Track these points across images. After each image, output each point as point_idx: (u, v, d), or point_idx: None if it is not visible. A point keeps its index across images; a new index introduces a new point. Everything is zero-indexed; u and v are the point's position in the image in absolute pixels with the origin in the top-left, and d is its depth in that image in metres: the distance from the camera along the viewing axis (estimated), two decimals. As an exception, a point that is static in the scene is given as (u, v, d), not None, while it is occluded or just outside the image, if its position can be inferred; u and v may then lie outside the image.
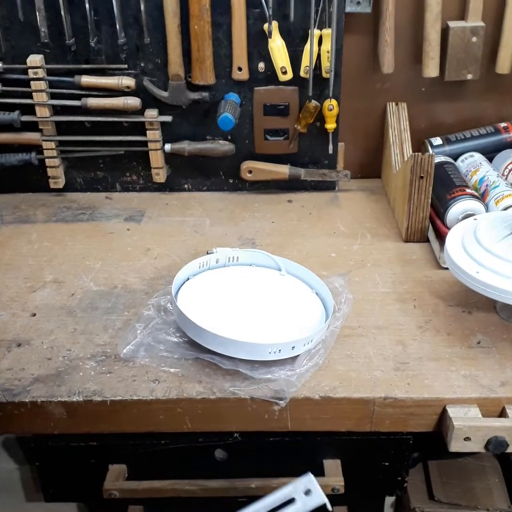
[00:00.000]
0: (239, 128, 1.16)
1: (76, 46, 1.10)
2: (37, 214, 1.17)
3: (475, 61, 1.15)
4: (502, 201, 1.04)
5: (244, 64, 1.11)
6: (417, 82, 1.20)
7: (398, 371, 0.80)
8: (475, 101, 1.22)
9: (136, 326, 0.85)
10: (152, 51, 1.11)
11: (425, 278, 0.98)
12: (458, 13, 1.14)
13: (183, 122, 1.17)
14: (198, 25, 1.07)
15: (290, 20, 1.08)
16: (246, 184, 1.23)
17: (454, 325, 0.88)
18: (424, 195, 1.03)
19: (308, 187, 1.23)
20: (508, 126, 1.19)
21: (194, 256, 0.99)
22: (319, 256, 1.04)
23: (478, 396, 0.77)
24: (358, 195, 1.23)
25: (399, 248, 1.06)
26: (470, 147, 1.19)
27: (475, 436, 0.74)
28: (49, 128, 1.15)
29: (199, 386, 0.78)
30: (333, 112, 1.13)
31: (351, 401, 0.77)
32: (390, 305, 0.92)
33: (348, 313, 0.89)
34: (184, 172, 1.22)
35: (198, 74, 1.11)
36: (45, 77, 1.10)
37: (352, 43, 1.15)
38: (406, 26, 1.15)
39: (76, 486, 0.91)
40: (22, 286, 0.97)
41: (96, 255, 1.05)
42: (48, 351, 0.84)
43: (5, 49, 1.10)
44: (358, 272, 0.99)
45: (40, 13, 1.06)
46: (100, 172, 1.22)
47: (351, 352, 0.83)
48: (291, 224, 1.14)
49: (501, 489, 1.04)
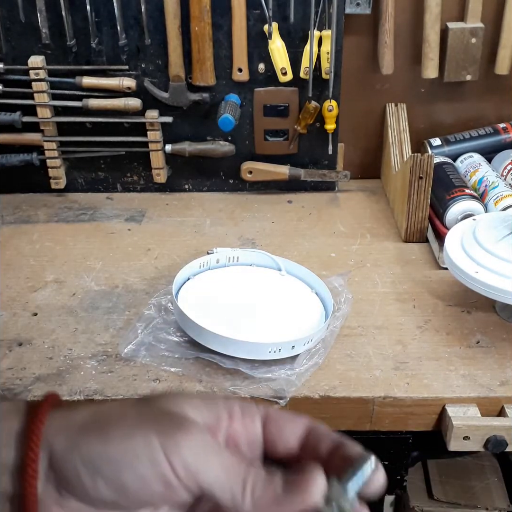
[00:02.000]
0: (239, 129, 1.17)
1: (77, 47, 1.11)
2: (38, 214, 1.17)
3: (474, 62, 1.15)
4: (501, 202, 1.04)
5: (244, 65, 1.12)
6: (416, 83, 1.20)
7: (397, 371, 0.80)
8: (474, 102, 1.22)
9: (137, 326, 0.86)
10: (153, 52, 1.11)
11: (425, 278, 0.98)
12: (457, 14, 1.14)
13: (183, 123, 1.17)
14: (198, 27, 1.07)
15: (290, 21, 1.08)
16: (246, 184, 1.23)
17: (453, 325, 0.88)
18: (424, 196, 1.03)
19: (308, 187, 1.24)
20: (507, 127, 1.20)
21: (194, 256, 0.99)
22: (319, 256, 1.04)
23: (477, 396, 0.77)
24: (358, 196, 1.23)
25: (398, 248, 1.06)
26: (469, 147, 1.20)
27: (474, 435, 0.75)
28: (50, 129, 1.15)
29: (199, 385, 0.78)
30: (333, 113, 1.14)
31: (350, 400, 0.77)
32: (390, 305, 0.93)
33: (347, 313, 0.89)
34: (185, 173, 1.22)
35: (199, 75, 1.11)
36: (46, 78, 1.10)
37: (352, 44, 1.16)
38: (406, 27, 1.16)
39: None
40: (23, 286, 0.97)
41: (97, 255, 1.05)
42: (49, 351, 0.84)
43: (6, 50, 1.11)
44: (357, 272, 1.00)
45: (41, 14, 1.07)
46: (101, 172, 1.22)
47: (350, 351, 0.84)
48: (291, 224, 1.14)
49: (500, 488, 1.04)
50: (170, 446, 0.33)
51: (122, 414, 0.36)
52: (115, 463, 0.33)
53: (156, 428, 0.34)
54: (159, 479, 0.33)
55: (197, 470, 0.33)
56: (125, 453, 0.33)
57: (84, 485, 0.34)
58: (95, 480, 0.33)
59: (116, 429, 0.34)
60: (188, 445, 0.34)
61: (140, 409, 0.36)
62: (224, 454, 0.35)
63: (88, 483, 0.33)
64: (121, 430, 0.34)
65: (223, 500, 0.34)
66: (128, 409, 0.36)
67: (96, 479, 0.33)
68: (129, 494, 0.34)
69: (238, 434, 0.38)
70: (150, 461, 0.33)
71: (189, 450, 0.33)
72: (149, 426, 0.34)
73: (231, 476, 0.34)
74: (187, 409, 0.36)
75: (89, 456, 0.33)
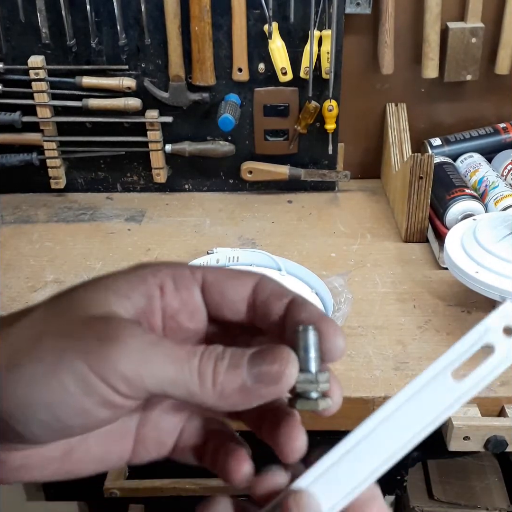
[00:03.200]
0: (239, 129, 1.17)
1: (77, 47, 1.10)
2: (38, 214, 1.17)
3: (474, 62, 1.15)
4: (502, 201, 1.04)
5: (244, 65, 1.12)
6: (416, 83, 1.20)
7: (397, 371, 0.80)
8: (475, 102, 1.22)
9: (137, 326, 0.85)
10: (153, 52, 1.11)
11: (425, 278, 0.98)
12: (458, 14, 1.14)
13: (183, 123, 1.17)
14: (198, 26, 1.07)
15: (290, 21, 1.08)
16: (246, 184, 1.23)
17: (454, 325, 0.88)
18: (424, 196, 1.03)
19: (308, 187, 1.24)
20: (507, 127, 1.20)
21: (194, 256, 0.99)
22: (319, 256, 1.04)
23: (477, 396, 0.77)
24: (358, 196, 1.23)
25: (398, 248, 1.06)
26: (470, 147, 1.20)
27: (475, 436, 0.75)
28: (50, 129, 1.15)
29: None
30: (333, 112, 1.14)
31: (350, 401, 0.77)
32: (390, 305, 0.93)
33: (347, 313, 0.89)
34: (185, 173, 1.22)
35: (199, 75, 1.11)
36: (46, 78, 1.10)
37: (352, 44, 1.16)
38: (406, 27, 1.16)
39: (77, 485, 0.92)
40: (23, 286, 0.97)
41: (97, 255, 1.05)
42: (49, 351, 0.84)
43: (6, 50, 1.11)
44: (357, 272, 1.00)
45: (41, 14, 1.07)
46: (101, 172, 1.22)
47: (350, 351, 0.84)
48: (291, 224, 1.14)
49: (501, 489, 1.04)
50: (102, 366, 0.29)
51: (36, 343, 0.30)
52: (46, 407, 0.29)
53: (81, 351, 0.29)
54: (102, 405, 0.29)
55: (140, 378, 0.29)
56: (56, 394, 0.29)
57: (19, 433, 0.30)
58: (30, 428, 0.30)
59: (35, 369, 0.29)
60: (122, 357, 0.29)
61: (57, 328, 0.31)
62: (168, 348, 0.30)
63: (24, 431, 0.30)
64: (42, 368, 0.29)
65: (179, 397, 0.30)
66: (42, 334, 0.31)
67: (31, 427, 0.30)
68: (74, 429, 0.30)
69: (175, 309, 0.33)
70: (85, 392, 0.29)
71: (125, 362, 0.29)
72: (73, 352, 0.29)
73: (183, 370, 0.30)
74: (112, 302, 0.31)
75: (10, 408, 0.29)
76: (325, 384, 0.32)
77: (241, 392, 0.30)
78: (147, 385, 0.29)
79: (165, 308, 0.33)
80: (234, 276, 0.34)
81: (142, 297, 0.32)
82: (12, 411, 0.29)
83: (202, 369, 0.30)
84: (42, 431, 0.30)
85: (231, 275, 0.34)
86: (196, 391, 0.30)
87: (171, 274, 0.33)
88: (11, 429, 0.30)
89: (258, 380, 0.30)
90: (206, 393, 0.30)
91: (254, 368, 0.30)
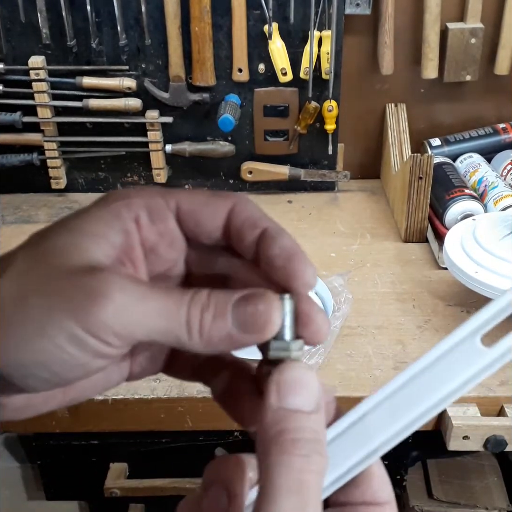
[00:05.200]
0: (239, 129, 1.17)
1: (78, 47, 1.11)
2: (39, 214, 1.17)
3: (474, 63, 1.15)
4: (501, 202, 1.04)
5: (244, 65, 1.12)
6: (416, 83, 1.20)
7: (397, 370, 0.80)
8: (474, 102, 1.23)
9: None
10: (153, 52, 1.11)
11: (424, 278, 0.99)
12: (457, 14, 1.14)
13: (183, 123, 1.17)
14: (198, 27, 1.07)
15: (290, 21, 1.08)
16: (246, 184, 1.23)
17: (453, 325, 0.88)
18: (423, 196, 1.04)
19: (308, 187, 1.24)
20: (506, 127, 1.20)
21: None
22: (319, 256, 1.04)
23: (477, 395, 0.77)
24: (358, 196, 1.23)
25: (398, 248, 1.06)
26: (469, 148, 1.20)
27: (474, 435, 0.75)
28: (50, 129, 1.15)
29: (199, 385, 0.78)
30: (333, 113, 1.14)
31: (350, 400, 0.77)
32: (390, 304, 0.93)
33: (347, 313, 0.89)
34: (185, 173, 1.23)
35: (199, 76, 1.12)
36: (47, 78, 1.11)
37: (352, 44, 1.16)
38: (406, 28, 1.16)
39: (77, 485, 0.92)
40: (24, 286, 0.97)
41: (97, 255, 1.05)
42: (50, 351, 0.84)
43: (7, 50, 1.11)
44: (357, 272, 1.00)
45: (41, 14, 1.07)
46: (102, 172, 1.22)
47: (350, 351, 0.84)
48: (291, 224, 1.14)
49: (500, 488, 1.04)
50: (92, 323, 0.29)
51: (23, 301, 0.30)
52: (43, 365, 0.30)
53: (69, 309, 0.29)
54: (96, 357, 0.30)
55: (129, 330, 0.30)
56: (50, 353, 0.30)
57: (18, 386, 0.31)
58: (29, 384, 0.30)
59: (25, 330, 0.30)
60: (111, 313, 0.29)
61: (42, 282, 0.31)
62: (156, 299, 0.30)
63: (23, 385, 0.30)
64: (32, 329, 0.30)
65: (168, 344, 0.31)
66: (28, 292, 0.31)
67: (30, 382, 0.30)
68: (72, 380, 0.31)
69: (153, 242, 0.33)
70: (80, 349, 0.29)
71: (115, 318, 0.29)
72: (61, 312, 0.29)
73: (172, 321, 0.30)
74: (91, 247, 0.31)
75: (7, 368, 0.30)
76: (298, 352, 0.32)
77: (227, 339, 0.31)
78: (138, 336, 0.30)
79: (143, 242, 0.33)
80: (209, 202, 0.34)
81: (119, 234, 0.32)
82: (9, 370, 0.30)
83: (190, 319, 0.30)
84: (41, 384, 0.31)
85: (206, 201, 0.34)
86: (185, 340, 0.31)
87: (145, 205, 0.33)
88: (11, 383, 0.30)
89: (242, 329, 0.31)
90: (194, 342, 0.31)
91: (239, 317, 0.31)
